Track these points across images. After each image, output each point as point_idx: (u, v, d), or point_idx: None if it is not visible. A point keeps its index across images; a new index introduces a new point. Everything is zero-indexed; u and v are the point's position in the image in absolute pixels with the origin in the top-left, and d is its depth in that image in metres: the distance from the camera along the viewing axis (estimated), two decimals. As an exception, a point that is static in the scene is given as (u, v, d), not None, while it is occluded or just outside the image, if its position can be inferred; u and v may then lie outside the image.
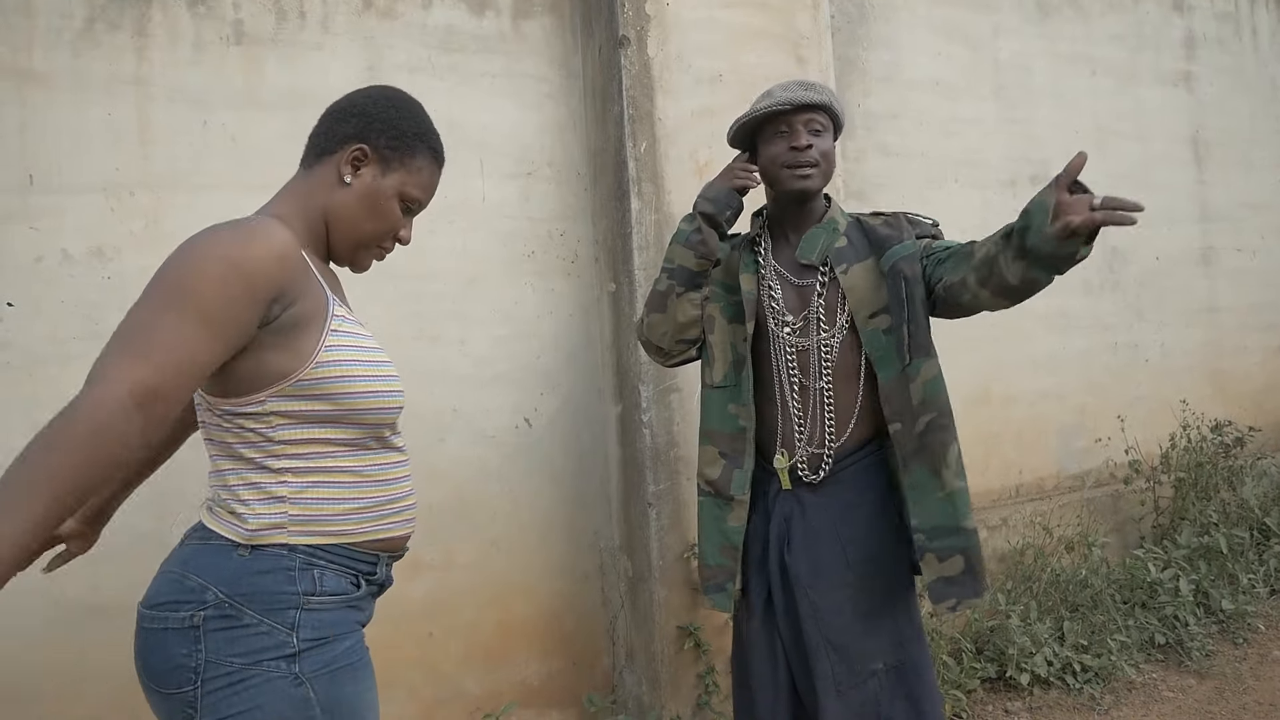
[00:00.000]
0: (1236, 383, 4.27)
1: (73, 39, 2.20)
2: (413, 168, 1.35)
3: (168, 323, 1.10)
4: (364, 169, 1.33)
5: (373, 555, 1.30)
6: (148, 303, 1.12)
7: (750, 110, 1.91)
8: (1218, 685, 3.01)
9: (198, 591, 1.17)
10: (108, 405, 1.03)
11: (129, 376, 1.05)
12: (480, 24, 2.67)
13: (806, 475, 1.88)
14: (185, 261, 1.14)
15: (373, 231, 1.35)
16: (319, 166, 1.34)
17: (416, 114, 1.38)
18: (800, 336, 1.89)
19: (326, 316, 1.24)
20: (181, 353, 1.10)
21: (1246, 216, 4.38)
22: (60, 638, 2.14)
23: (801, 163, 1.84)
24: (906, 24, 3.43)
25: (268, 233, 1.18)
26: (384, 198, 1.34)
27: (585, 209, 2.79)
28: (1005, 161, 3.64)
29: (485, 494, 2.62)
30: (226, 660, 1.15)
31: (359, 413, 1.26)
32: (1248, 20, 4.49)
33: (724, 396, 1.96)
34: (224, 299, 1.13)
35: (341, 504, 1.25)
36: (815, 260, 1.89)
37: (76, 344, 2.17)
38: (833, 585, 1.82)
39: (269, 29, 2.40)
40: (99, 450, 1.02)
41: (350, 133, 1.33)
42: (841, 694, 1.78)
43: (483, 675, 2.59)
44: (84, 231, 2.20)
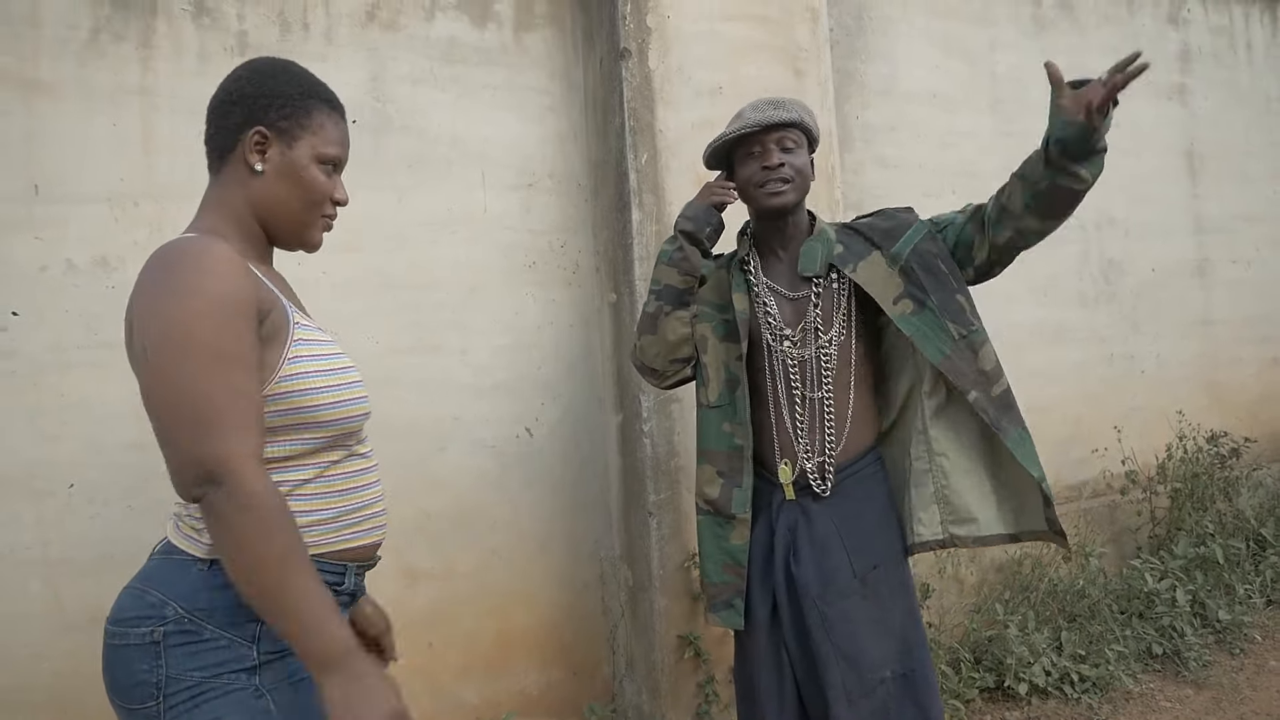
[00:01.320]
0: (1232, 394, 4.29)
1: (78, 49, 2.22)
2: (314, 127, 1.30)
3: (221, 381, 1.11)
4: (270, 150, 1.28)
5: (339, 565, 1.28)
6: (183, 374, 1.10)
7: (720, 134, 1.95)
8: (1215, 695, 3.02)
9: (157, 607, 1.17)
10: (255, 490, 1.08)
11: (243, 451, 1.09)
12: (482, 36, 2.69)
13: (816, 484, 1.89)
14: (182, 316, 1.12)
15: (307, 206, 1.31)
16: (226, 168, 1.30)
17: (294, 74, 1.33)
18: (800, 348, 1.91)
19: (289, 327, 1.24)
20: (251, 401, 1.13)
21: (1241, 229, 4.41)
22: (65, 648, 2.14)
23: (773, 180, 1.88)
24: (904, 37, 3.46)
25: (219, 253, 1.16)
26: (301, 169, 1.29)
27: (586, 220, 2.81)
28: (1002, 173, 3.60)
29: (485, 503, 2.63)
30: (187, 675, 1.14)
31: (323, 424, 1.24)
32: (1242, 34, 4.53)
33: (719, 416, 1.97)
34: (239, 335, 1.14)
35: (305, 516, 1.23)
36: (819, 271, 1.91)
37: (79, 353, 2.18)
38: (841, 594, 1.84)
39: (273, 40, 2.42)
40: (283, 515, 1.10)
41: (239, 121, 1.28)
42: (852, 703, 1.78)
43: (482, 685, 2.59)
44: (88, 241, 2.21)
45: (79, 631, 2.15)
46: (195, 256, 1.15)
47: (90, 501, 2.18)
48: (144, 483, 2.21)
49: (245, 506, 1.07)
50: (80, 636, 2.15)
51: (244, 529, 1.07)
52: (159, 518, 2.22)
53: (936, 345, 1.83)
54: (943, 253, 1.87)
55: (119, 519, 2.19)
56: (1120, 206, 3.99)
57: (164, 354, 1.12)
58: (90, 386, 2.19)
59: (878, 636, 1.82)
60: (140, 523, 2.21)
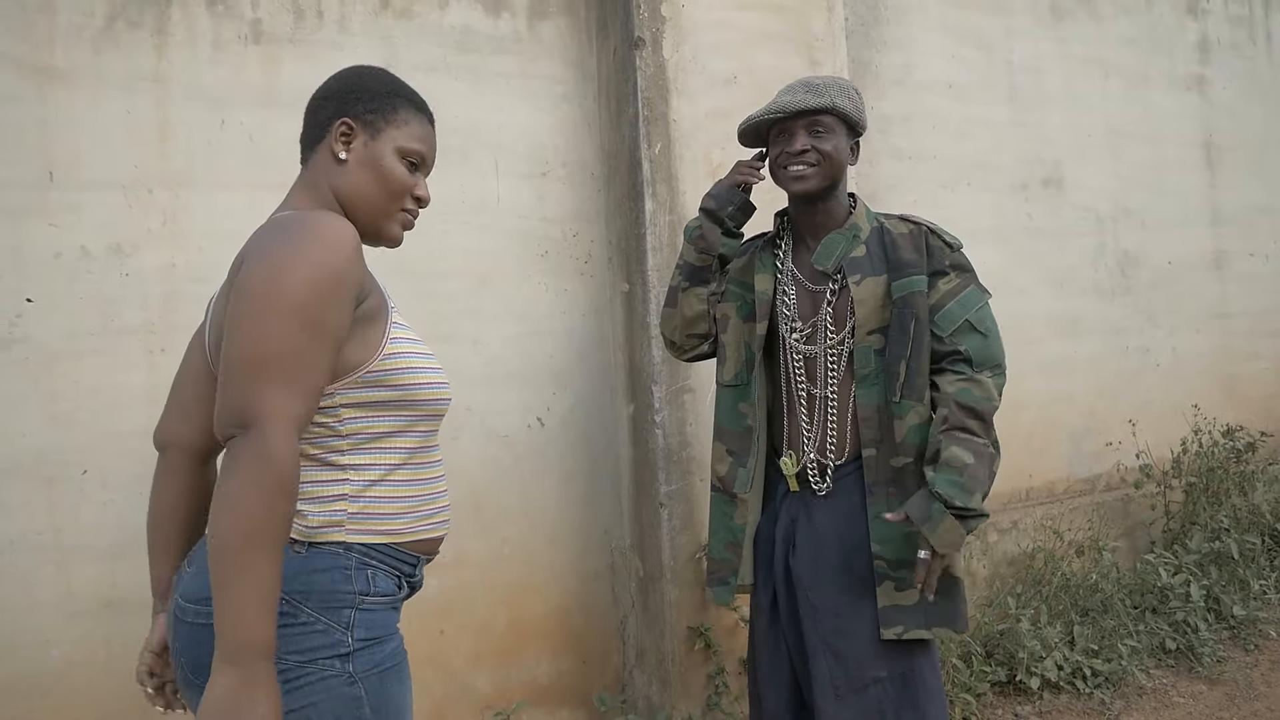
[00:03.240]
0: (1248, 387, 4.26)
1: (93, 37, 2.22)
2: (398, 122, 1.33)
3: (297, 345, 1.11)
4: (354, 141, 1.32)
5: (414, 557, 1.31)
6: (265, 325, 1.11)
7: (749, 116, 1.93)
8: (1229, 691, 3.00)
9: None
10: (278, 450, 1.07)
11: (285, 413, 1.09)
12: (496, 25, 2.68)
13: (814, 481, 1.89)
14: (285, 276, 1.12)
15: (386, 197, 1.33)
16: (314, 157, 1.34)
17: (384, 76, 1.38)
18: (808, 344, 1.89)
19: (387, 310, 1.27)
20: (318, 375, 1.13)
21: (1259, 221, 4.37)
22: (76, 634, 2.15)
23: (794, 164, 1.85)
24: (920, 26, 3.43)
25: (340, 229, 1.18)
26: (383, 159, 1.32)
27: (599, 210, 2.80)
28: (1017, 164, 3.63)
29: (497, 493, 2.63)
30: (282, 658, 1.12)
31: (420, 402, 1.27)
32: (1261, 24, 4.48)
33: (734, 395, 1.97)
34: (334, 309, 1.14)
35: (396, 503, 1.25)
36: (830, 268, 1.89)
37: (93, 339, 2.19)
38: (834, 589, 1.83)
39: (287, 28, 2.41)
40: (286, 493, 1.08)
41: (330, 114, 1.33)
42: (840, 697, 1.78)
43: (493, 673, 2.60)
44: (102, 228, 2.21)
45: (90, 618, 2.16)
46: (315, 224, 1.18)
47: (103, 488, 2.18)
48: (157, 470, 2.22)
49: (262, 461, 1.06)
50: (91, 623, 2.16)
51: (249, 480, 1.05)
52: (172, 505, 2.23)
53: (871, 390, 1.83)
54: (923, 317, 1.80)
55: (132, 506, 2.20)
56: (1137, 198, 3.95)
57: (255, 298, 1.12)
58: (104, 373, 2.19)
59: (870, 635, 1.80)
60: (154, 509, 2.21)
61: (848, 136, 1.90)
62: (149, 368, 2.23)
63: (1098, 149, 3.86)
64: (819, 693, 1.80)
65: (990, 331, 1.83)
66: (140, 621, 2.17)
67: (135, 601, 2.18)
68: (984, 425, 1.76)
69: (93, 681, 2.16)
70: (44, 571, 2.14)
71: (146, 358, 2.23)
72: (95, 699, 2.16)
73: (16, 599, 2.11)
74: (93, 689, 2.16)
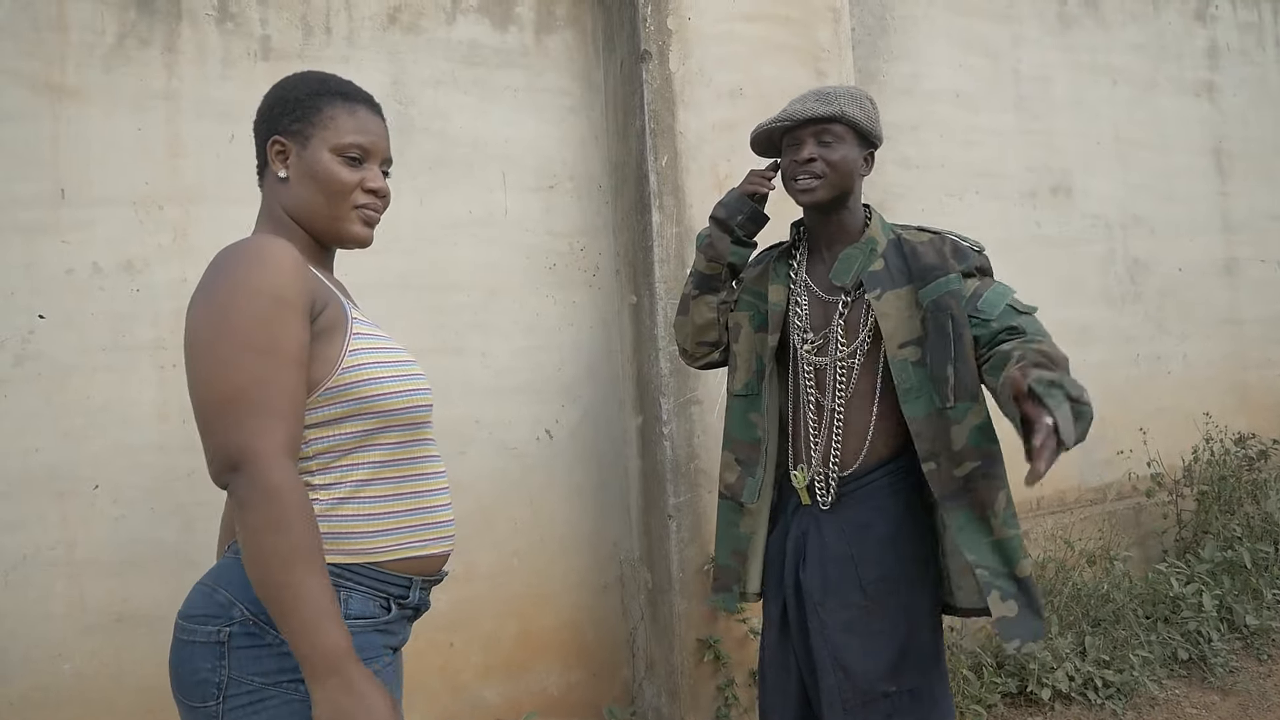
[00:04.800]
0: (1260, 395, 4.23)
1: (104, 54, 2.24)
2: (323, 122, 1.31)
3: (257, 374, 1.11)
4: (289, 156, 1.31)
5: (404, 578, 1.26)
6: (219, 363, 1.12)
7: (760, 124, 1.92)
8: (1241, 702, 2.98)
9: (225, 606, 1.17)
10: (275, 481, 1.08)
11: (270, 442, 1.09)
12: (503, 38, 2.69)
13: (820, 495, 1.88)
14: (225, 310, 1.13)
15: (331, 201, 1.31)
16: (265, 183, 1.35)
17: (306, 79, 1.34)
18: (819, 355, 1.88)
19: (347, 321, 1.25)
20: (289, 396, 1.13)
21: (1270, 227, 4.35)
22: (89, 647, 2.16)
23: (800, 175, 1.83)
24: (927, 36, 3.43)
25: (271, 250, 1.18)
26: (321, 168, 1.30)
27: (607, 222, 2.81)
28: (1025, 172, 3.63)
29: (506, 505, 2.63)
30: (248, 678, 1.14)
31: (386, 412, 1.24)
32: (1271, 30, 4.46)
33: (744, 405, 1.97)
34: (283, 328, 1.14)
35: (371, 520, 1.23)
36: (849, 284, 1.85)
37: (105, 355, 2.20)
38: (842, 604, 1.81)
39: (296, 44, 2.43)
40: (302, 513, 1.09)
41: (263, 136, 1.33)
42: (848, 712, 1.77)
43: (503, 685, 2.60)
44: (114, 244, 2.23)
45: (102, 632, 2.17)
46: (248, 251, 1.17)
47: (115, 503, 2.20)
48: (168, 485, 2.23)
49: (265, 496, 1.07)
50: (103, 637, 2.17)
51: (260, 519, 1.07)
52: (182, 520, 2.24)
53: (918, 403, 1.77)
54: (959, 316, 1.75)
55: (143, 520, 2.21)
56: (1147, 205, 3.94)
57: (203, 342, 1.13)
58: (115, 389, 2.21)
59: (878, 649, 1.78)
60: (163, 524, 2.23)
61: (860, 146, 1.86)
62: (159, 383, 2.25)
63: (1106, 156, 3.85)
64: (827, 706, 1.79)
65: (1033, 311, 1.76)
66: (151, 635, 2.18)
67: (146, 615, 2.19)
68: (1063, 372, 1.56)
69: (105, 694, 2.17)
70: (56, 586, 2.15)
71: (157, 373, 2.25)
72: (107, 712, 2.17)
73: (29, 613, 2.12)
74: (105, 702, 2.17)
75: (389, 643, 1.26)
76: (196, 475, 2.24)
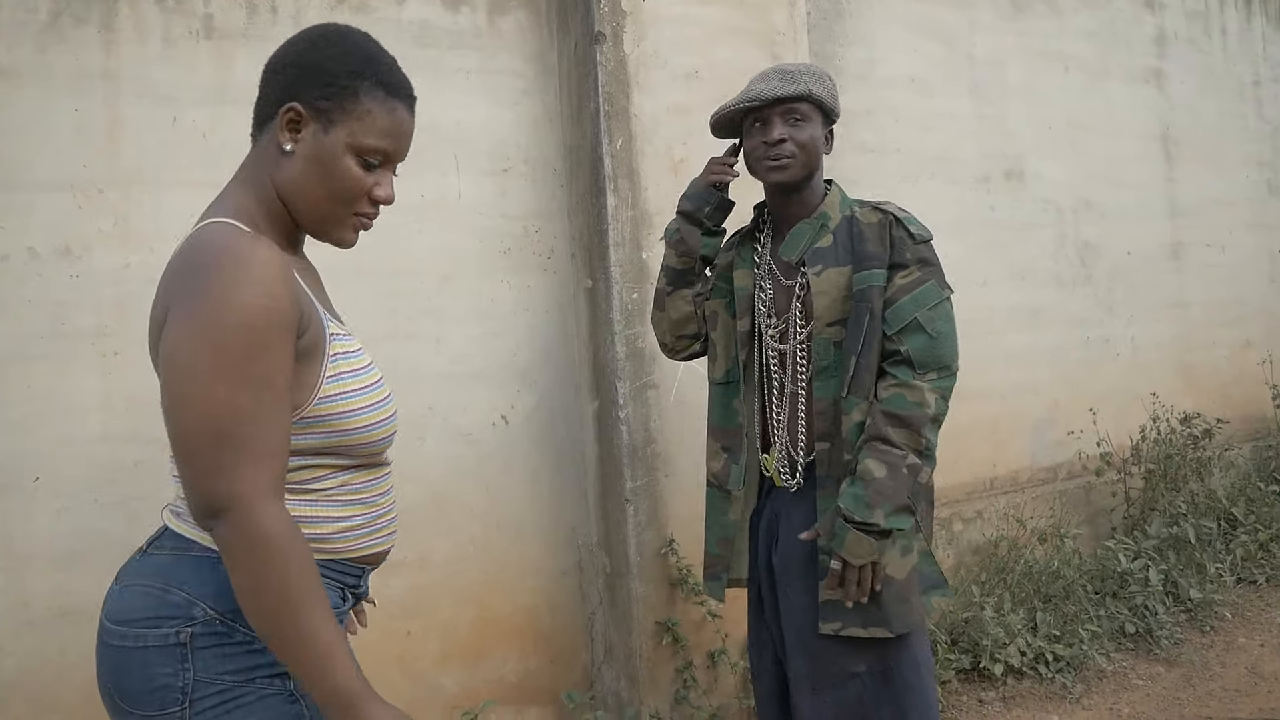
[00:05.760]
0: (1205, 376, 4.33)
1: (37, 33, 2.16)
2: (358, 113, 1.15)
3: (244, 409, 1.03)
4: (303, 130, 1.15)
5: (359, 569, 1.25)
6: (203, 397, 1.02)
7: (723, 105, 1.89)
8: (1185, 673, 3.06)
9: (184, 607, 1.10)
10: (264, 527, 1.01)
11: (257, 486, 1.02)
12: (455, 19, 2.65)
13: (784, 477, 1.88)
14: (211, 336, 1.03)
15: (335, 201, 1.18)
16: (263, 138, 1.19)
17: (352, 48, 1.16)
18: (781, 340, 1.88)
19: (325, 340, 1.16)
20: (277, 430, 1.05)
21: (1216, 212, 4.44)
22: (31, 644, 2.11)
23: (773, 155, 1.80)
24: (882, 20, 3.44)
25: (262, 256, 1.07)
26: (332, 158, 1.15)
27: (561, 206, 2.79)
28: (980, 157, 3.66)
29: (462, 492, 2.61)
30: (218, 678, 1.08)
31: (356, 446, 1.18)
32: (1217, 19, 4.55)
33: (726, 392, 1.95)
34: (272, 356, 1.05)
35: (334, 523, 1.19)
36: (794, 259, 1.85)
37: (44, 344, 2.14)
38: (805, 587, 1.82)
39: (240, 23, 2.37)
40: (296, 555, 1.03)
41: (279, 92, 1.15)
42: (816, 692, 1.78)
43: (460, 673, 2.59)
44: (51, 229, 2.16)
45: (45, 627, 2.12)
46: (236, 260, 1.05)
47: (56, 495, 2.14)
48: (111, 476, 2.18)
49: (255, 545, 1.01)
50: (46, 632, 2.12)
51: (253, 567, 1.01)
52: (127, 512, 2.19)
53: (829, 383, 1.80)
54: (877, 312, 1.75)
55: (86, 513, 2.16)
56: (1096, 190, 4.00)
57: (186, 366, 1.03)
58: (55, 378, 2.15)
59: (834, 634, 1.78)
60: (108, 517, 2.18)
61: (823, 124, 1.86)
62: (102, 372, 2.19)
63: (1058, 142, 3.90)
64: (795, 688, 1.81)
65: (939, 333, 1.75)
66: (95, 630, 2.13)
67: (91, 610, 2.11)
68: (909, 433, 1.70)
69: (49, 690, 2.12)
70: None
71: (99, 361, 2.19)
72: (51, 708, 2.12)
73: (-32, 609, 2.07)
74: (49, 698, 2.12)
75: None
76: (142, 466, 2.20)
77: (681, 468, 2.61)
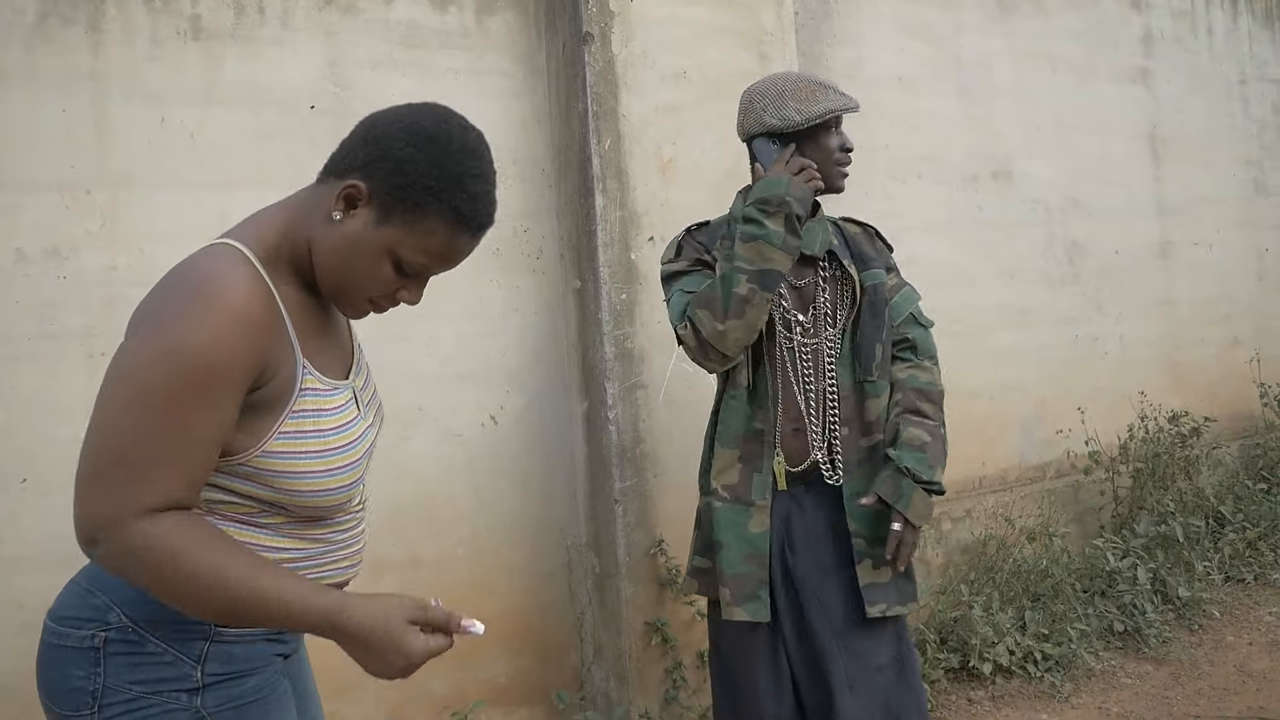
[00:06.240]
0: (1193, 374, 4.36)
1: (25, 34, 2.16)
2: (418, 228, 1.09)
3: (146, 442, 1.01)
4: (358, 210, 1.10)
5: None
6: (119, 416, 1.01)
7: (827, 107, 1.82)
8: (1174, 671, 3.08)
9: (101, 611, 1.09)
10: (143, 541, 0.99)
11: (121, 511, 0.99)
12: (443, 19, 2.65)
13: (826, 473, 1.87)
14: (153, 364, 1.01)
15: (354, 287, 1.14)
16: (323, 187, 1.14)
17: (445, 161, 1.09)
18: (810, 336, 1.89)
19: (293, 394, 1.11)
20: (186, 471, 1.03)
21: (1203, 211, 4.47)
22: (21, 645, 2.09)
23: (845, 163, 1.90)
24: (870, 20, 3.45)
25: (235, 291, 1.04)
26: (369, 253, 1.11)
27: (550, 206, 2.79)
28: (967, 157, 3.68)
29: (451, 492, 2.61)
30: (125, 687, 1.07)
31: (296, 507, 1.14)
32: (1203, 18, 4.57)
33: (746, 398, 1.91)
34: (202, 412, 1.03)
35: (278, 552, 1.14)
36: (818, 251, 1.90)
37: (31, 344, 2.14)
38: (841, 583, 1.84)
39: (227, 24, 2.37)
40: (187, 546, 1.02)
41: (357, 162, 1.11)
42: (855, 691, 1.79)
43: (450, 674, 2.58)
44: (39, 230, 2.16)
45: (35, 629, 2.11)
46: (206, 302, 1.02)
47: (44, 496, 2.14)
48: (100, 476, 2.17)
49: (134, 558, 0.99)
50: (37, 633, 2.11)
51: (146, 578, 1.00)
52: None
53: (845, 370, 1.90)
54: (887, 304, 1.93)
55: (75, 513, 2.16)
56: (1084, 189, 4.02)
57: (111, 390, 1.03)
58: (43, 379, 2.15)
59: (874, 623, 1.83)
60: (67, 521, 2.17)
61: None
62: (90, 372, 2.19)
63: (1045, 141, 3.92)
64: (836, 690, 1.78)
65: (929, 324, 1.99)
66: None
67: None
68: (935, 407, 1.90)
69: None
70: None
71: (87, 362, 2.19)
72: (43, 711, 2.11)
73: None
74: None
75: (280, 650, 1.20)
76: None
77: (670, 468, 2.61)
